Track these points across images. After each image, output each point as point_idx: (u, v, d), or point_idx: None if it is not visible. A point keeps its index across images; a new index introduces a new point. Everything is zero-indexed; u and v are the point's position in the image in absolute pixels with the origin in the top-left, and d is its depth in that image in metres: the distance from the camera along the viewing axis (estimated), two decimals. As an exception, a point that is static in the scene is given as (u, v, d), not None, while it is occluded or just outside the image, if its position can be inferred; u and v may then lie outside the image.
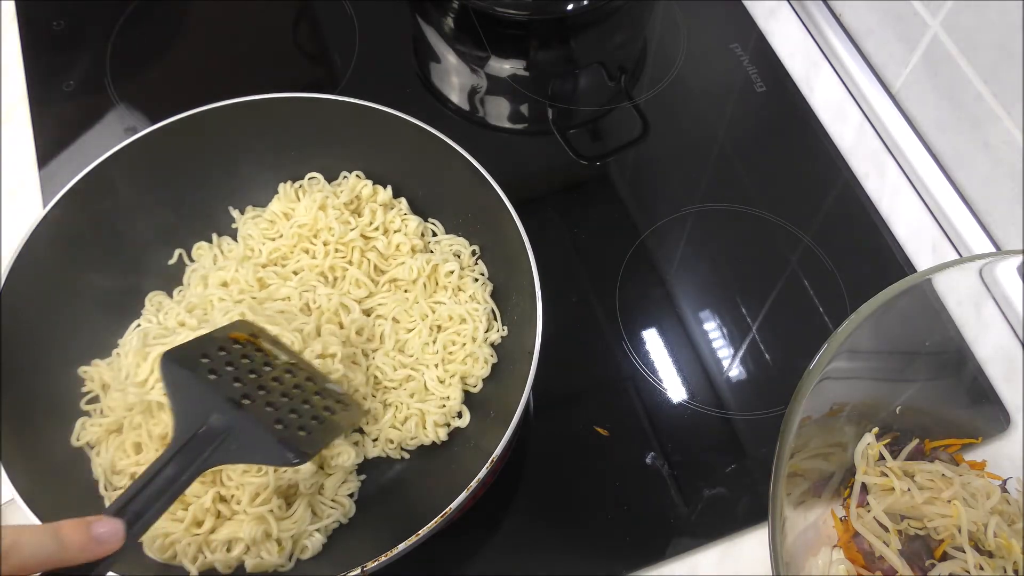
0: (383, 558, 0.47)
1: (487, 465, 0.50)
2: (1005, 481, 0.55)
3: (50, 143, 0.72)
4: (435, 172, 0.62)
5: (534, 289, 0.55)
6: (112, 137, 0.60)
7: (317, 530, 0.54)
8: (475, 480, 0.49)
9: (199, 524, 0.52)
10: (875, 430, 0.55)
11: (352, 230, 0.61)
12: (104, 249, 0.60)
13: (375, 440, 0.58)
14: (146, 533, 0.44)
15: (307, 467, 0.54)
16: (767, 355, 0.65)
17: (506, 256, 0.59)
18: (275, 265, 0.62)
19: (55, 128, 0.73)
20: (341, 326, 0.59)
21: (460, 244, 0.63)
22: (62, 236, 0.57)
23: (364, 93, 0.63)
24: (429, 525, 0.48)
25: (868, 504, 0.52)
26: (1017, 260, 0.53)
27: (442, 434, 0.57)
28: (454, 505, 0.48)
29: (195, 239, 0.63)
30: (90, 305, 0.59)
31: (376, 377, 0.59)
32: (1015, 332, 0.59)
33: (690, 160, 0.74)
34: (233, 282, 0.60)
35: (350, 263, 0.61)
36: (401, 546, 0.47)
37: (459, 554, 0.57)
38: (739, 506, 0.58)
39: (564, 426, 0.61)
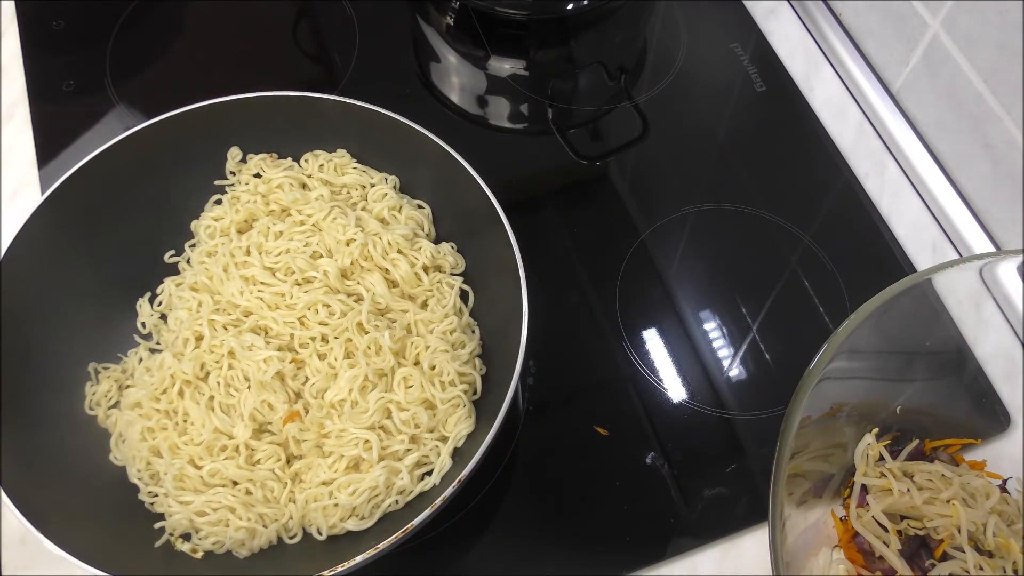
0: (339, 568, 0.47)
1: (452, 486, 0.49)
2: (1005, 481, 0.55)
3: (50, 143, 0.72)
4: (429, 174, 0.62)
5: (521, 315, 0.54)
6: (112, 137, 0.60)
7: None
8: (440, 498, 0.49)
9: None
10: (875, 431, 0.55)
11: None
12: (101, 238, 0.60)
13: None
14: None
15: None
16: (767, 355, 0.65)
17: (494, 270, 0.58)
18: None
19: (55, 128, 0.73)
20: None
21: (421, 217, 0.62)
22: (59, 223, 0.58)
23: (364, 93, 0.63)
24: (389, 540, 0.48)
25: (868, 504, 0.52)
26: (1017, 260, 0.53)
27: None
28: (416, 522, 0.48)
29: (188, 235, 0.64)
30: (88, 293, 0.59)
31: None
32: (1015, 332, 0.59)
33: (690, 160, 0.74)
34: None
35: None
36: (359, 558, 0.47)
37: (458, 554, 0.57)
38: (739, 506, 0.58)
39: (564, 426, 0.61)
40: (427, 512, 0.48)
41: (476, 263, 0.62)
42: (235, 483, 0.54)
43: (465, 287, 0.61)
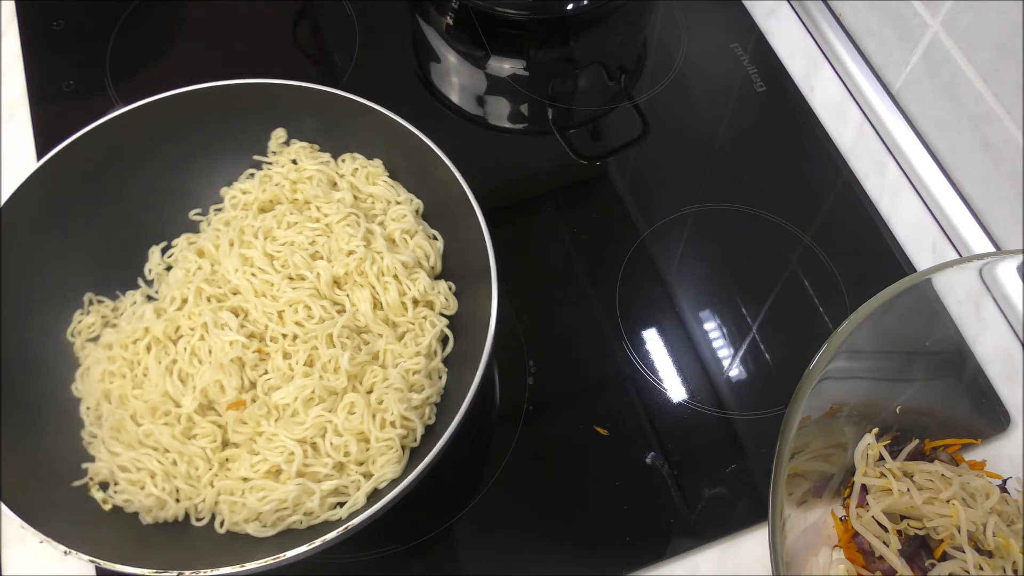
0: (200, 572, 0.46)
1: (337, 531, 0.48)
2: (1005, 481, 0.55)
3: (50, 143, 0.71)
4: (449, 211, 0.61)
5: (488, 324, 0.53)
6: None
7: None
8: (320, 540, 0.47)
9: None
10: (875, 431, 0.55)
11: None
12: (95, 212, 0.61)
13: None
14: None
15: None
16: (767, 355, 0.65)
17: (474, 324, 0.56)
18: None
19: (55, 128, 0.72)
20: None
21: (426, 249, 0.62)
22: (53, 193, 0.59)
23: (364, 92, 0.63)
24: (254, 564, 0.46)
25: (868, 504, 0.52)
26: (1017, 260, 0.53)
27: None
28: (289, 555, 0.47)
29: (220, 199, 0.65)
30: (78, 270, 0.60)
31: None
32: (1015, 332, 0.59)
33: (690, 160, 0.74)
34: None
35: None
36: (221, 570, 0.46)
37: (458, 554, 0.57)
38: (739, 506, 0.58)
39: (564, 426, 0.61)
40: (303, 548, 0.47)
41: (466, 310, 0.60)
42: (167, 451, 0.54)
43: (449, 331, 0.59)
